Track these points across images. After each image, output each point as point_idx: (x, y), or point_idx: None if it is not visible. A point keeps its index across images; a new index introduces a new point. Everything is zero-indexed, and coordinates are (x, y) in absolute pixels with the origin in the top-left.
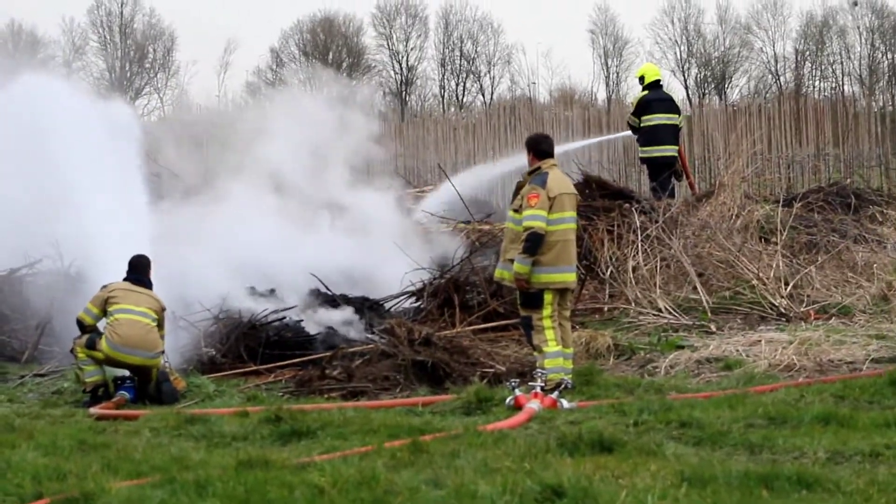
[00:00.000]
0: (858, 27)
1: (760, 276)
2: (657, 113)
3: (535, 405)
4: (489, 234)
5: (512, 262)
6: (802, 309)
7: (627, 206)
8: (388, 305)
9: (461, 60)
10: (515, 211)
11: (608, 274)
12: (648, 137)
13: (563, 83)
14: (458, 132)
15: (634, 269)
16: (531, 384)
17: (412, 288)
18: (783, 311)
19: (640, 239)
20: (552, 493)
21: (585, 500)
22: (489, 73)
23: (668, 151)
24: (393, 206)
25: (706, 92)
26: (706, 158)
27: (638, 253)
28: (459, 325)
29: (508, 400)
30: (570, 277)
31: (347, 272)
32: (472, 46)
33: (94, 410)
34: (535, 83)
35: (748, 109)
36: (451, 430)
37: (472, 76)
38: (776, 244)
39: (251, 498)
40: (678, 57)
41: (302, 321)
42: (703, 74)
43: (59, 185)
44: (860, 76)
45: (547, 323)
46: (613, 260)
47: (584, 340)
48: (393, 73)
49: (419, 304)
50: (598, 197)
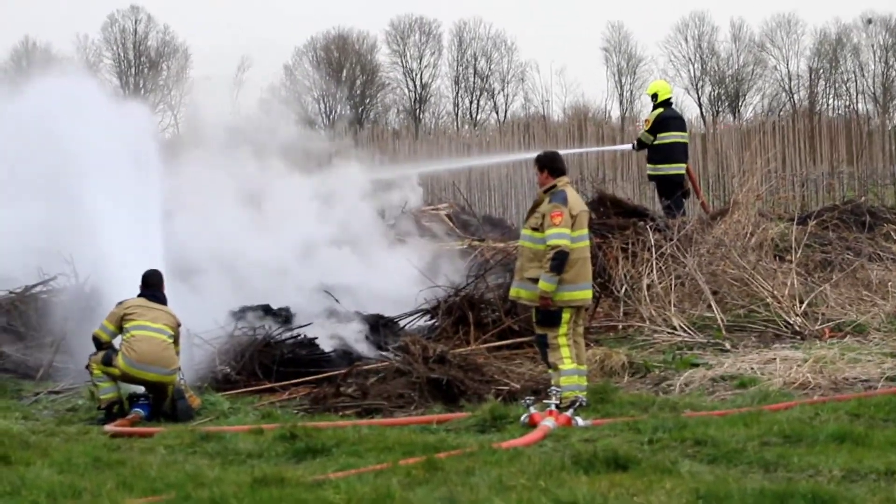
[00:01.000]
0: (872, 45)
1: (775, 293)
2: (673, 131)
3: (549, 423)
4: (503, 251)
5: (528, 280)
6: (817, 327)
7: (642, 223)
8: (402, 323)
9: (475, 78)
10: (534, 229)
11: (623, 292)
12: (664, 155)
13: (576, 101)
14: (471, 150)
15: (649, 286)
16: (546, 402)
17: (426, 305)
18: (798, 328)
19: (654, 257)
20: None
21: None
22: (503, 90)
23: (680, 169)
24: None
25: (720, 110)
26: (720, 176)
27: (652, 271)
28: (474, 342)
29: (523, 417)
30: (588, 294)
31: (358, 289)
32: (485, 64)
33: (108, 428)
34: (548, 101)
35: (762, 127)
36: (465, 447)
37: (485, 94)
38: (791, 262)
39: None
40: (692, 75)
41: (316, 339)
42: (716, 92)
43: (74, 197)
44: (874, 94)
45: (563, 341)
46: (628, 278)
47: (598, 358)
48: (407, 90)
49: (434, 321)
50: (612, 215)
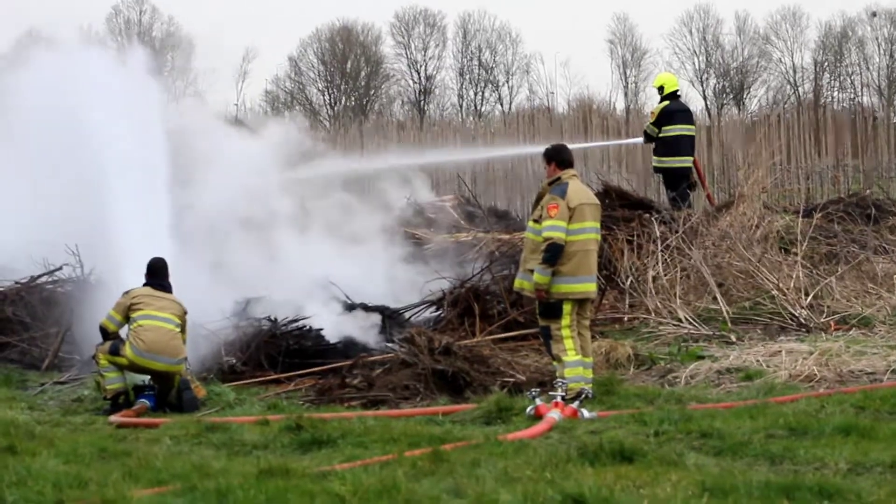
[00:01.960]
0: (877, 38)
1: (780, 286)
2: (679, 123)
3: (555, 415)
4: (509, 243)
5: (532, 272)
6: (823, 319)
7: (647, 216)
8: (408, 314)
9: (480, 70)
10: (535, 221)
11: (628, 284)
12: (670, 148)
13: (581, 93)
14: (476, 141)
15: (654, 279)
16: (551, 394)
17: (432, 297)
18: (803, 321)
19: (660, 249)
20: (573, 502)
21: None
22: (507, 82)
23: (686, 162)
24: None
25: (725, 102)
26: (725, 169)
27: (658, 263)
28: (479, 334)
29: (529, 409)
30: (589, 288)
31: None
32: (490, 56)
33: (114, 418)
34: (553, 93)
35: (767, 120)
36: (471, 439)
37: (490, 85)
38: (796, 255)
39: None
40: (697, 67)
41: (322, 330)
42: (721, 85)
43: (80, 181)
44: (879, 87)
45: (566, 333)
46: (633, 270)
47: (604, 350)
48: (411, 82)
49: (439, 313)
50: (617, 207)
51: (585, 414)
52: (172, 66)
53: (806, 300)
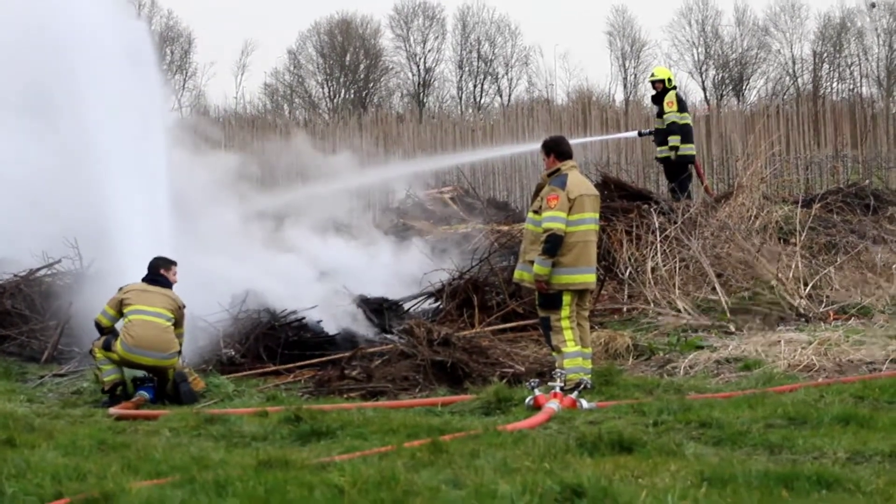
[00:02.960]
0: (876, 29)
1: (779, 276)
2: (685, 112)
3: (554, 405)
4: (508, 234)
5: (531, 263)
6: (821, 309)
7: (646, 206)
8: (407, 306)
9: (479, 62)
10: (535, 212)
11: (627, 274)
12: (682, 135)
13: (580, 85)
14: (476, 134)
15: (653, 269)
16: (550, 384)
17: (431, 288)
18: (802, 311)
19: (659, 240)
20: (572, 492)
21: (605, 499)
22: (507, 74)
23: (694, 150)
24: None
25: (724, 93)
26: (724, 160)
27: (657, 253)
28: (479, 325)
29: (528, 400)
30: (589, 279)
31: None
32: (489, 48)
33: (113, 410)
34: (552, 85)
35: (766, 111)
36: (470, 430)
37: (489, 78)
38: (795, 245)
39: (271, 498)
40: (696, 59)
41: (321, 321)
42: (720, 76)
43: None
44: (878, 78)
45: (565, 324)
46: (632, 260)
47: (603, 341)
48: (410, 74)
49: (438, 304)
50: (616, 198)
51: (584, 404)
52: (171, 59)
53: (805, 290)
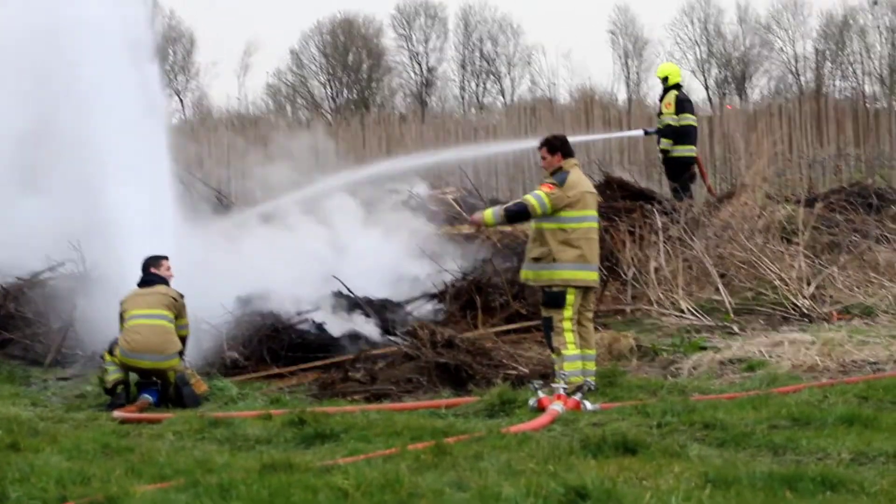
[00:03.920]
0: (879, 26)
1: (783, 276)
2: (687, 113)
3: (558, 407)
4: (511, 235)
5: (535, 261)
6: (825, 309)
7: (649, 206)
8: (410, 307)
9: (481, 61)
10: None
11: (630, 275)
12: (679, 137)
13: (583, 84)
14: (478, 133)
15: (657, 270)
16: (554, 386)
17: (434, 290)
18: (806, 311)
19: (661, 240)
20: (576, 494)
21: (609, 501)
22: (509, 73)
23: (693, 152)
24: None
25: (726, 92)
26: (727, 159)
27: (660, 254)
28: (482, 326)
29: (532, 402)
30: (592, 276)
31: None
32: (491, 47)
33: (117, 414)
34: (555, 84)
35: (769, 109)
36: (474, 432)
37: (492, 77)
38: (798, 245)
39: (275, 501)
40: (698, 57)
41: (324, 324)
42: (723, 74)
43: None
44: (881, 76)
45: (567, 325)
46: (635, 261)
47: (606, 342)
48: (413, 74)
49: (441, 306)
50: (619, 198)
51: (588, 406)
52: (174, 60)
53: (808, 290)
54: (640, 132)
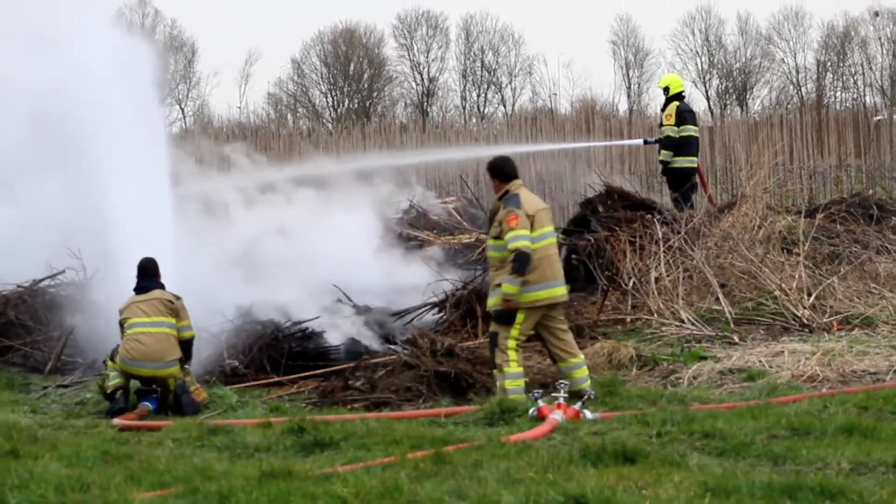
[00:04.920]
0: (880, 38)
1: (783, 286)
2: (689, 124)
3: (558, 416)
4: None
5: (498, 287)
6: (825, 320)
7: (649, 216)
8: (410, 316)
9: (482, 71)
10: (496, 238)
11: (630, 285)
12: (679, 148)
13: (584, 94)
14: (479, 143)
15: (657, 279)
16: (554, 395)
17: (434, 299)
18: (806, 321)
19: (662, 250)
20: (575, 503)
21: None
22: (510, 83)
23: (693, 163)
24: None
25: (727, 103)
26: (728, 169)
27: (660, 264)
28: (482, 335)
29: (531, 411)
30: (559, 291)
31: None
32: (493, 57)
33: (117, 421)
34: (556, 94)
35: (770, 120)
36: (473, 440)
37: (493, 87)
38: (798, 255)
39: None
40: (699, 68)
41: (324, 332)
42: (724, 85)
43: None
44: (882, 87)
45: (511, 344)
46: (636, 271)
47: (606, 351)
48: (414, 84)
49: (441, 315)
50: (619, 208)
51: (588, 415)
52: (175, 69)
53: (808, 300)
54: (639, 141)
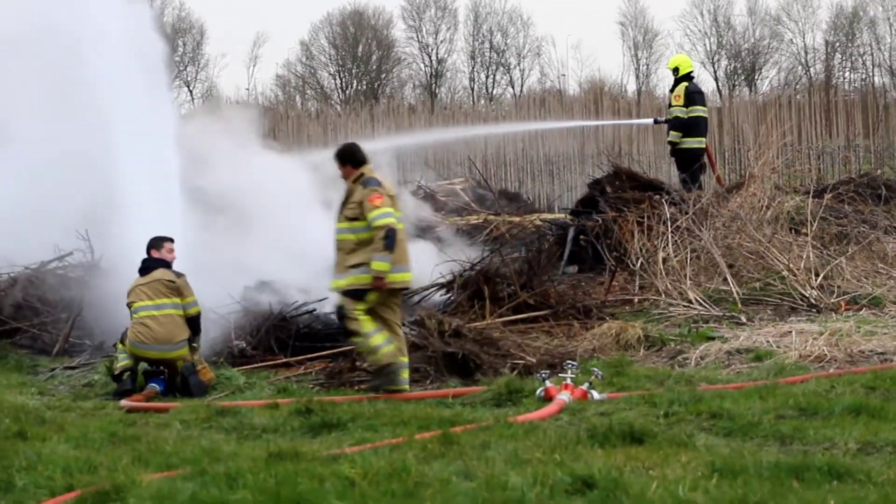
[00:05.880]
0: (889, 18)
1: (791, 267)
2: (697, 105)
3: (565, 396)
4: (519, 225)
5: (350, 268)
6: (833, 300)
7: (657, 197)
8: (418, 297)
9: (491, 53)
10: (350, 219)
11: (638, 265)
12: (688, 129)
13: (592, 75)
14: (488, 124)
15: (665, 260)
16: (561, 375)
17: (442, 280)
18: (814, 301)
19: (670, 230)
20: (583, 484)
21: (616, 491)
22: (519, 65)
23: (702, 143)
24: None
25: (736, 83)
26: (736, 150)
27: (668, 244)
28: (489, 316)
29: (539, 391)
30: (406, 277)
31: None
32: (501, 39)
33: (124, 403)
34: (564, 75)
35: (778, 101)
36: (481, 421)
37: (501, 68)
38: (806, 235)
39: (282, 490)
40: (708, 49)
41: (332, 313)
42: (732, 66)
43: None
44: (890, 67)
45: (359, 312)
46: (644, 251)
47: (614, 332)
48: (423, 65)
49: (449, 296)
50: (628, 188)
51: (595, 395)
52: (183, 51)
53: (816, 280)
54: (650, 120)
